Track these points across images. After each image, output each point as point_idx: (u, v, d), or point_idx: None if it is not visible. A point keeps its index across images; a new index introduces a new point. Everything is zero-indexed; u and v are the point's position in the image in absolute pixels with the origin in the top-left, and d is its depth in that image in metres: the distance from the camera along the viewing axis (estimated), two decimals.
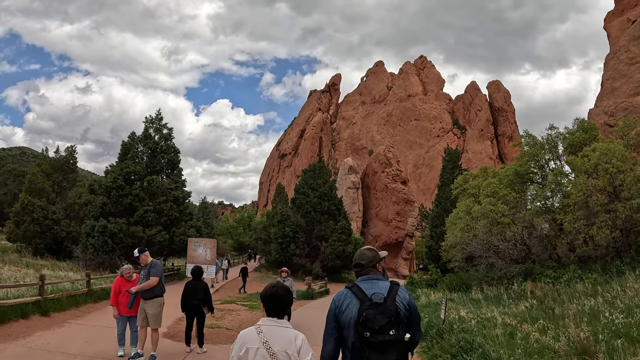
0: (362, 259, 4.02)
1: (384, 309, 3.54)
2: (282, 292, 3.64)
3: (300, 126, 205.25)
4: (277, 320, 3.55)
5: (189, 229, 31.99)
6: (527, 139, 30.41)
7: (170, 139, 35.46)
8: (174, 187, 32.63)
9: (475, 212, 27.31)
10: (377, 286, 3.76)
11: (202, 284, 11.12)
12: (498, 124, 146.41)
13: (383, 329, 3.47)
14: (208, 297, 11.04)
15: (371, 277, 3.89)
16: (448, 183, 51.67)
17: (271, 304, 3.59)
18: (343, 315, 3.71)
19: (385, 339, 3.46)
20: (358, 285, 3.82)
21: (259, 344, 3.40)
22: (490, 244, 23.74)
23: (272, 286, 3.68)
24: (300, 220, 47.27)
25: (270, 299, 3.59)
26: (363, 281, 3.87)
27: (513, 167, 29.97)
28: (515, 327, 11.12)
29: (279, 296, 3.61)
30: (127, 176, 31.96)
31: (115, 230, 29.96)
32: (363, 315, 3.53)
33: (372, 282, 3.82)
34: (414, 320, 3.79)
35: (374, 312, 3.52)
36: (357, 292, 3.73)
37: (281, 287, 3.68)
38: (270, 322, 3.53)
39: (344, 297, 3.80)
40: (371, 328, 3.48)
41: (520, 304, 17.44)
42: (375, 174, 76.96)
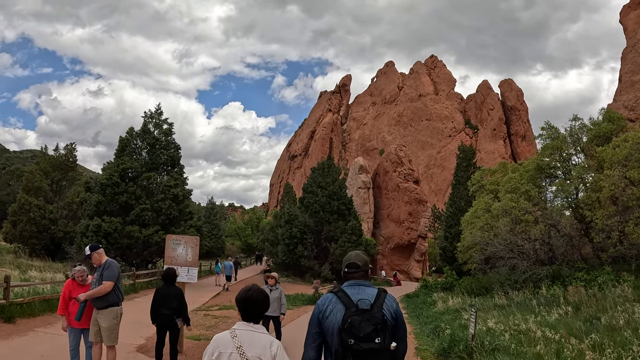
0: (359, 260, 3.83)
1: (370, 316, 3.41)
2: (257, 295, 3.48)
3: (310, 127, 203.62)
4: (253, 325, 3.42)
5: (189, 229, 30.10)
6: (548, 131, 28.47)
7: (170, 134, 33.65)
8: (173, 185, 30.76)
9: (495, 209, 25.20)
10: (364, 292, 3.61)
11: (175, 290, 9.07)
12: (511, 123, 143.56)
13: (368, 336, 3.34)
14: (183, 306, 9.02)
15: (359, 282, 3.70)
16: (462, 181, 49.59)
17: (246, 308, 3.45)
18: (327, 320, 3.55)
19: (370, 346, 3.33)
20: (344, 290, 3.65)
21: (233, 349, 3.28)
22: (513, 243, 21.60)
23: (247, 289, 3.52)
24: (308, 220, 45.26)
25: (245, 303, 3.45)
26: (350, 286, 3.69)
27: (534, 161, 27.93)
28: (561, 344, 9.06)
29: (255, 300, 3.45)
30: (124, 173, 30.19)
31: (109, 229, 28.19)
32: (348, 321, 3.39)
33: (359, 287, 3.65)
34: (399, 330, 3.63)
35: (360, 319, 3.38)
36: (343, 297, 3.57)
37: (257, 290, 3.51)
38: (246, 326, 3.40)
39: (328, 302, 3.63)
40: (356, 335, 3.35)
41: (552, 311, 15.37)
42: (386, 173, 74.77)
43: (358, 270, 3.76)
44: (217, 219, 72.06)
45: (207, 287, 30.65)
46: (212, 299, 24.83)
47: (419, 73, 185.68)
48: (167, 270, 9.33)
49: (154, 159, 32.40)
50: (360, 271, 3.77)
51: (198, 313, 18.29)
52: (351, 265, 3.78)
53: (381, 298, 3.58)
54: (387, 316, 3.49)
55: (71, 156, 45.42)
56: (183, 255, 10.47)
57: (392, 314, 3.58)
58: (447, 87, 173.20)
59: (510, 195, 24.92)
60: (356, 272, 3.76)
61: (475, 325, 9.85)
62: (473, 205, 33.61)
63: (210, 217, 71.44)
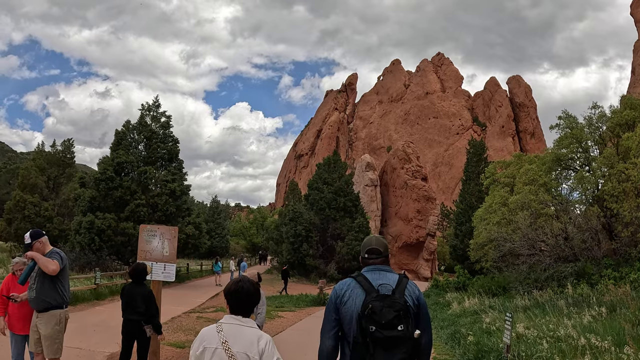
0: (380, 245, 3.56)
1: (392, 302, 3.15)
2: (248, 287, 3.20)
3: (316, 126, 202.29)
4: (241, 318, 3.14)
5: (187, 226, 28.58)
6: (566, 120, 26.87)
7: (168, 127, 32.13)
8: (171, 180, 29.20)
9: (512, 202, 23.50)
10: (385, 277, 3.37)
11: (142, 290, 7.35)
12: (519, 120, 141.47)
13: (391, 323, 3.09)
14: (151, 311, 7.32)
15: (379, 267, 3.45)
16: (473, 177, 47.85)
17: (236, 301, 3.16)
18: (345, 306, 3.30)
19: (393, 334, 3.07)
20: (364, 275, 3.39)
21: (217, 344, 3.03)
22: (534, 239, 19.89)
23: (237, 281, 3.25)
24: (313, 217, 43.62)
25: (235, 295, 3.17)
26: (370, 271, 3.43)
27: (552, 151, 26.26)
28: (617, 355, 7.39)
29: (245, 292, 3.18)
30: (119, 167, 28.69)
31: (103, 226, 26.70)
32: (369, 307, 3.13)
33: (379, 272, 3.41)
34: (422, 317, 3.38)
35: (381, 305, 3.13)
36: (363, 282, 3.31)
37: (247, 281, 3.24)
38: (233, 320, 3.12)
39: (346, 287, 3.39)
40: (377, 322, 3.09)
41: (584, 312, 13.70)
42: (394, 170, 73.12)
43: (380, 255, 3.52)
44: (220, 218, 70.59)
45: (206, 287, 29.15)
46: (210, 299, 23.29)
47: (425, 71, 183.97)
48: (135, 265, 7.69)
49: (150, 152, 30.91)
50: (382, 257, 3.53)
51: (190, 315, 16.74)
52: (372, 251, 3.54)
53: (403, 283, 3.35)
54: (409, 302, 3.26)
55: (69, 152, 44.07)
56: (159, 248, 8.88)
57: (415, 301, 3.35)
58: (454, 85, 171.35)
59: (529, 188, 23.25)
60: (378, 257, 3.52)
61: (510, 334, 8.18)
62: (486, 199, 31.97)
63: (214, 216, 70.01)
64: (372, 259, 3.50)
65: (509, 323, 8.24)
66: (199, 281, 34.21)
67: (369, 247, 3.55)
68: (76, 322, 14.17)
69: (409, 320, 3.16)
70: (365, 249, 3.56)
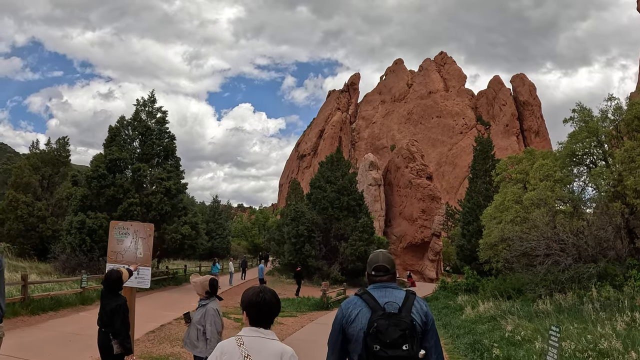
0: (387, 262, 3.47)
1: (397, 320, 3.09)
2: (270, 297, 3.01)
3: (319, 126, 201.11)
4: (262, 330, 2.96)
5: (183, 226, 27.22)
6: (580, 113, 25.60)
7: (164, 123, 30.80)
8: (166, 177, 27.84)
9: (527, 199, 22.11)
10: (392, 295, 3.29)
11: (115, 301, 6.04)
12: (524, 119, 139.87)
13: (395, 342, 3.01)
14: (118, 327, 5.95)
15: (386, 284, 3.38)
16: (480, 175, 46.45)
17: (257, 313, 2.97)
18: (351, 325, 3.24)
19: (397, 354, 3.00)
20: (370, 293, 3.32)
21: (239, 358, 2.85)
22: (552, 238, 18.48)
23: (258, 292, 3.03)
24: (316, 217, 42.19)
25: (256, 307, 2.98)
26: (376, 288, 3.36)
27: (567, 145, 24.91)
28: None
29: (267, 303, 2.99)
30: (111, 164, 27.37)
31: (94, 226, 25.38)
32: (374, 325, 3.07)
33: (385, 289, 3.33)
34: (431, 335, 3.29)
35: (387, 323, 3.08)
36: (369, 300, 3.26)
37: (268, 292, 3.06)
38: (254, 332, 2.95)
39: (353, 306, 3.32)
40: (382, 341, 3.02)
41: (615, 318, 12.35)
42: (398, 169, 71.71)
43: (387, 273, 3.42)
44: (221, 219, 69.27)
45: None
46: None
47: (428, 70, 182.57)
48: (108, 273, 6.35)
49: (145, 149, 29.61)
50: (389, 274, 3.43)
51: (181, 322, 15.38)
52: (379, 268, 3.43)
53: (410, 301, 3.24)
54: (416, 321, 3.18)
55: (64, 150, 42.78)
56: (132, 249, 7.56)
57: (422, 318, 3.24)
58: (458, 84, 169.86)
59: (545, 183, 21.87)
60: (385, 275, 3.42)
61: (558, 353, 6.75)
62: (495, 198, 30.60)
63: (215, 216, 68.72)
64: (379, 276, 3.42)
65: (554, 339, 6.82)
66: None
67: (376, 264, 3.46)
68: (53, 330, 12.88)
69: (415, 339, 3.08)
70: (372, 266, 3.46)
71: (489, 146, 48.05)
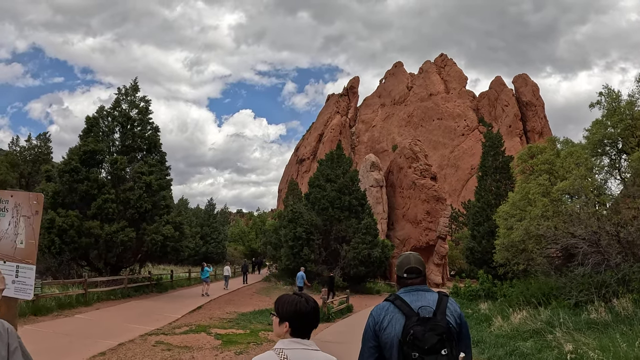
0: (420, 264, 3.31)
1: (434, 325, 2.92)
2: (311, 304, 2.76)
3: (318, 130, 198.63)
4: (304, 341, 2.70)
5: (164, 226, 24.20)
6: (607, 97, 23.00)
7: (147, 113, 27.89)
8: (147, 172, 24.85)
9: (558, 191, 19.16)
10: (424, 298, 3.13)
11: None
12: (527, 120, 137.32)
13: (434, 348, 2.84)
14: None
15: (417, 287, 3.21)
16: (490, 173, 43.48)
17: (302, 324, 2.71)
18: (385, 333, 3.05)
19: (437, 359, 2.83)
20: (401, 298, 3.15)
21: None
22: (601, 232, 15.51)
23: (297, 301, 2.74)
24: (315, 218, 39.12)
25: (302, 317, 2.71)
26: (407, 292, 3.19)
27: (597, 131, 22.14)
28: None
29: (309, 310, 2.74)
30: (86, 156, 24.41)
31: (64, 225, 22.39)
32: (410, 332, 2.90)
33: (417, 293, 3.17)
34: (464, 337, 3.18)
35: (423, 329, 2.90)
36: (402, 306, 3.09)
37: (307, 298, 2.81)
38: (295, 344, 2.67)
39: (385, 312, 3.14)
40: (420, 347, 2.85)
41: None
42: (400, 170, 68.80)
43: (419, 275, 3.26)
44: (216, 222, 66.28)
45: (190, 299, 24.82)
46: (188, 314, 18.88)
47: (428, 72, 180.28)
48: None
49: (126, 141, 26.71)
50: (421, 276, 3.28)
51: (148, 340, 12.32)
52: (412, 270, 3.26)
53: (443, 303, 3.09)
54: (451, 323, 3.04)
55: (45, 147, 39.94)
56: (10, 235, 4.57)
57: (457, 320, 3.11)
58: (459, 85, 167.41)
59: (578, 171, 18.95)
60: (417, 277, 3.25)
61: None
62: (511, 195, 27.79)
63: (210, 220, 65.75)
64: (411, 278, 3.24)
65: None
66: (186, 291, 29.86)
67: (408, 265, 3.28)
68: None
69: (453, 342, 2.92)
70: (405, 268, 3.28)
71: (498, 142, 45.11)
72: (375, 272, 40.41)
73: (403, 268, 3.27)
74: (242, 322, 17.34)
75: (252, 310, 21.27)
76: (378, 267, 40.11)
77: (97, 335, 12.49)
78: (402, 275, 3.27)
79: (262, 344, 12.65)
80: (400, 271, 3.30)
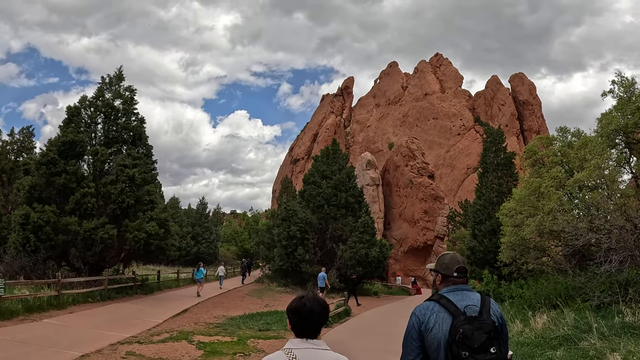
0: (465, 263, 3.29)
1: (481, 324, 2.89)
2: (311, 304, 2.72)
3: (313, 130, 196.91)
4: (312, 341, 2.66)
5: (148, 222, 22.48)
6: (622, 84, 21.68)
7: (132, 103, 26.22)
8: (130, 164, 23.12)
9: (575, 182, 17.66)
10: (469, 297, 3.07)
11: None
12: (524, 119, 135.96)
13: (483, 346, 2.82)
14: None
15: (461, 287, 3.15)
16: (491, 169, 41.88)
17: (300, 320, 2.69)
18: (431, 333, 2.96)
19: (487, 358, 2.81)
20: (446, 297, 3.08)
21: None
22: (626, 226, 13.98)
23: (299, 297, 2.80)
24: (310, 216, 37.42)
25: (297, 314, 2.70)
26: (452, 292, 3.12)
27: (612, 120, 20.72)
28: None
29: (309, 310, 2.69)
30: (65, 147, 22.68)
31: (40, 221, 20.65)
32: (459, 331, 2.84)
33: (462, 292, 3.11)
34: (505, 337, 3.08)
35: (471, 328, 2.85)
36: (448, 305, 3.01)
37: (311, 298, 2.77)
38: (303, 344, 2.64)
39: (430, 311, 3.05)
40: (469, 346, 2.80)
41: None
42: (397, 168, 67.36)
43: (466, 274, 3.24)
44: (208, 222, 64.56)
45: (178, 301, 23.18)
46: (171, 319, 17.20)
47: (423, 72, 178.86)
48: None
49: (109, 132, 25.03)
50: (466, 275, 3.26)
51: (118, 350, 10.64)
52: (461, 270, 3.21)
53: (487, 302, 3.06)
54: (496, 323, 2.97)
55: (28, 141, 38.14)
56: None
57: (499, 319, 3.06)
58: (454, 85, 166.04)
59: (597, 161, 17.47)
60: (465, 276, 3.22)
61: None
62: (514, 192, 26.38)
63: (201, 219, 64.04)
64: (460, 277, 3.20)
65: None
66: (173, 292, 28.19)
67: (458, 265, 3.22)
68: None
69: (500, 341, 2.90)
70: (455, 267, 3.21)
71: (500, 137, 43.52)
72: (373, 272, 38.79)
73: (453, 267, 3.22)
74: (230, 327, 15.68)
75: (242, 314, 19.60)
76: (376, 268, 38.45)
77: (61, 344, 10.85)
78: (451, 275, 3.21)
79: (250, 354, 10.98)
80: (449, 270, 3.24)
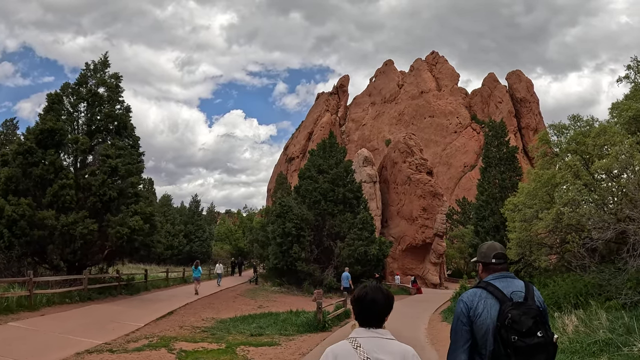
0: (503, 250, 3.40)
1: (527, 309, 3.00)
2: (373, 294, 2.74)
3: (308, 129, 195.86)
4: (377, 330, 2.69)
5: (132, 217, 20.83)
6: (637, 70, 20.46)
7: (118, 91, 24.60)
8: (113, 154, 21.49)
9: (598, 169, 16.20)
10: (513, 284, 3.17)
11: None
12: (521, 116, 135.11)
13: (530, 330, 2.93)
14: None
15: (505, 274, 3.26)
16: (494, 164, 40.49)
17: (362, 310, 2.72)
18: (480, 319, 3.06)
19: (534, 341, 2.91)
20: (493, 284, 3.18)
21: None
22: None
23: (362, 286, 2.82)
24: (306, 212, 35.79)
25: (360, 303, 2.74)
26: (497, 279, 3.23)
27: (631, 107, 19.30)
28: None
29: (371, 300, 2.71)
30: (43, 136, 21.02)
31: (15, 215, 18.99)
32: (508, 316, 2.95)
33: (506, 279, 3.21)
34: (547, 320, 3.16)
35: (519, 313, 2.96)
36: (495, 292, 3.12)
37: (373, 287, 2.79)
38: (368, 332, 2.67)
39: (477, 298, 3.15)
40: (518, 330, 2.91)
41: None
42: (394, 164, 65.85)
43: (506, 260, 3.35)
44: (201, 220, 62.92)
45: (167, 301, 21.60)
46: (156, 321, 15.58)
47: (419, 70, 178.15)
48: None
49: (92, 121, 23.40)
50: (507, 262, 3.36)
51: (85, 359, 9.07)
52: (499, 256, 3.32)
53: (531, 289, 3.16)
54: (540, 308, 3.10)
55: (12, 134, 36.54)
56: None
57: (541, 306, 3.15)
58: (450, 83, 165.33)
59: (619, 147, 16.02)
60: (505, 262, 3.33)
61: None
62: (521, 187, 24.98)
63: (194, 217, 62.40)
64: (500, 264, 3.30)
65: None
66: (161, 292, 26.54)
67: (496, 251, 3.33)
68: None
69: (546, 325, 3.02)
70: (492, 254, 3.33)
71: (502, 131, 42.14)
72: (372, 271, 37.26)
73: (490, 255, 3.30)
74: (219, 332, 14.07)
75: (233, 317, 18.01)
76: (375, 266, 36.90)
77: (20, 352, 9.28)
78: (491, 261, 3.29)
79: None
80: (487, 258, 3.32)
